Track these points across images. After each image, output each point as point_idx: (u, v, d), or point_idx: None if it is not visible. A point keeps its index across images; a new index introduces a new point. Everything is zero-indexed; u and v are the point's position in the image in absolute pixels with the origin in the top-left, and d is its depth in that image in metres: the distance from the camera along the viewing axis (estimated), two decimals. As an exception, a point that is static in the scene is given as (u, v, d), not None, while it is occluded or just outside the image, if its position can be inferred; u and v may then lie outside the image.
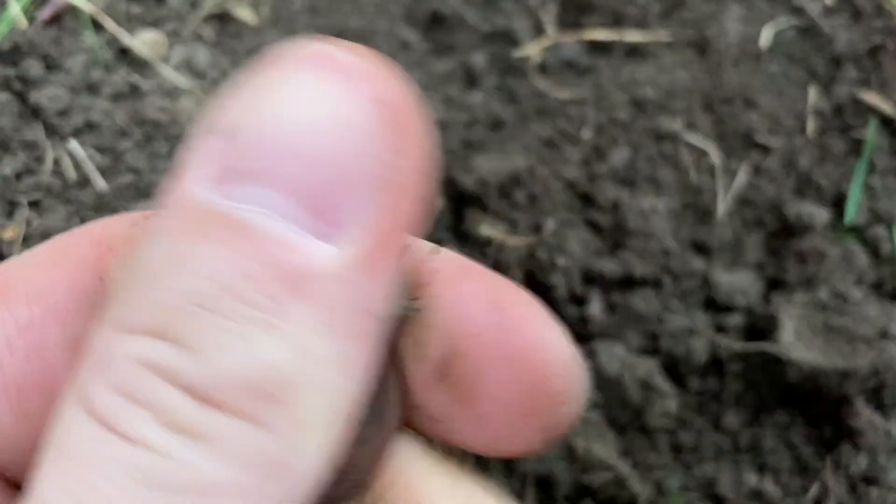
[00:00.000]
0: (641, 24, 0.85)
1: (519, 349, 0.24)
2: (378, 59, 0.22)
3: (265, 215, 0.21)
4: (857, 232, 0.74)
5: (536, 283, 0.73)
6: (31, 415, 0.27)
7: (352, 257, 0.21)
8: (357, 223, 0.21)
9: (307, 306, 0.21)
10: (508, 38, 0.86)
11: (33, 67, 0.73)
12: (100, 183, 0.71)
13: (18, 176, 0.70)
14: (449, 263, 0.26)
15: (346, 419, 0.22)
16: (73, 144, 0.72)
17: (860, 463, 0.66)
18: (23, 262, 0.29)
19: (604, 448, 0.69)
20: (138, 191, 0.71)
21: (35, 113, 0.72)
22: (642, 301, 0.73)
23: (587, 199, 0.76)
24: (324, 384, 0.21)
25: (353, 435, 0.24)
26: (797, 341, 0.68)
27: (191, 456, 0.21)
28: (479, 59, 0.84)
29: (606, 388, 0.70)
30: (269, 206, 0.21)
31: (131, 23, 0.79)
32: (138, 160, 0.73)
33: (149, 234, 0.22)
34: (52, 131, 0.72)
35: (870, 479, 0.66)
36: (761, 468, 0.69)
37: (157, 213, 0.22)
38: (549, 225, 0.74)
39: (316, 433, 0.21)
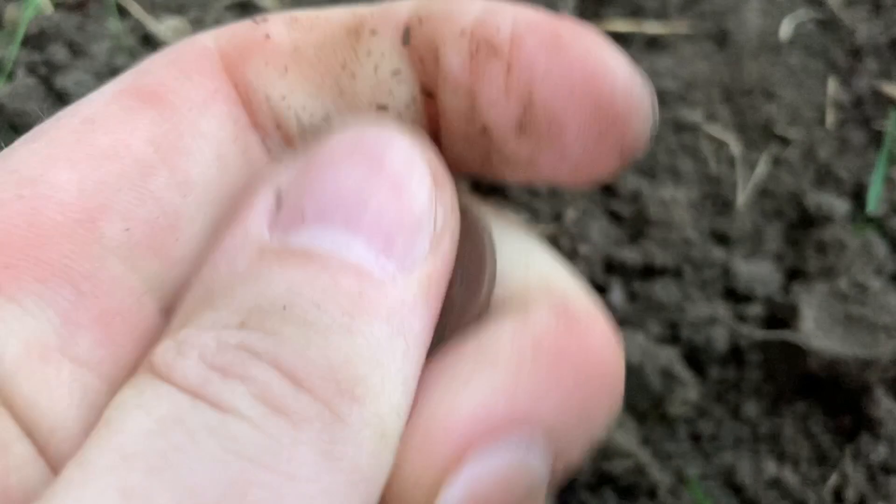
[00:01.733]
0: (661, 15, 0.85)
1: (583, 81, 0.26)
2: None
3: (332, 245, 0.24)
4: (877, 222, 0.74)
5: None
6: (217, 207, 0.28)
7: (413, 284, 0.24)
8: (415, 260, 0.25)
9: (377, 319, 0.23)
10: (528, 29, 0.86)
11: (58, 53, 0.74)
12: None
13: (44, 160, 0.71)
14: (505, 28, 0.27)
15: (403, 424, 0.24)
16: (98, 129, 0.72)
17: (880, 452, 0.66)
18: (163, 71, 0.29)
19: (624, 436, 0.69)
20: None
21: (60, 98, 0.73)
22: (663, 290, 0.73)
23: (608, 189, 0.77)
24: (391, 389, 0.23)
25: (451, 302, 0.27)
26: (817, 330, 0.68)
27: (280, 433, 0.21)
28: (498, 50, 0.84)
29: (627, 377, 0.69)
30: (334, 241, 0.24)
31: (155, 9, 0.80)
32: (162, 146, 0.73)
33: (215, 261, 0.25)
34: (76, 116, 0.73)
35: (889, 469, 0.66)
36: (780, 457, 0.69)
37: (222, 247, 0.25)
38: (571, 214, 0.75)
39: (381, 436, 0.23)
